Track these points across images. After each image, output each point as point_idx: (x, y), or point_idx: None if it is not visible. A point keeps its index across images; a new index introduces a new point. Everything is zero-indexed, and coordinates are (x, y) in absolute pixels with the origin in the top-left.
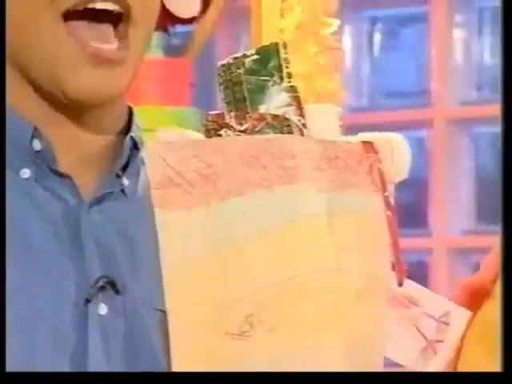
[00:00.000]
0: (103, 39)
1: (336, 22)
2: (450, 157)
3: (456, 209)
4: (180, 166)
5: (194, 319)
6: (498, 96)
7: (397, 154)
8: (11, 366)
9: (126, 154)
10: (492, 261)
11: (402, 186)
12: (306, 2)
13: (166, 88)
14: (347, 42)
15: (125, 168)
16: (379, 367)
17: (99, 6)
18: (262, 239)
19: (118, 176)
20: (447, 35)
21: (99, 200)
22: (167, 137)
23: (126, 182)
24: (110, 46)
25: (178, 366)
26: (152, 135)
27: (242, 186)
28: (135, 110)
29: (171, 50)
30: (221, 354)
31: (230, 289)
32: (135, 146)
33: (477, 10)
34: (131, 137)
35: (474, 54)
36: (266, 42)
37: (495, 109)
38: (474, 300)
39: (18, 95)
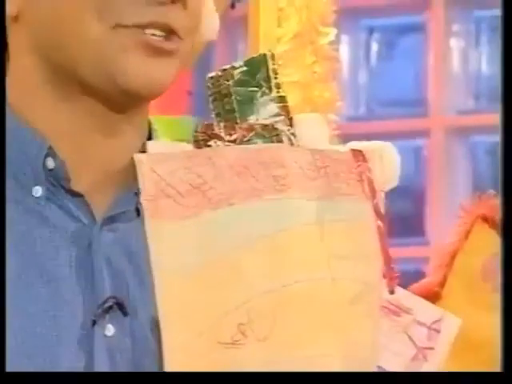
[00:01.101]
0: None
1: (333, 32)
2: (448, 166)
3: (453, 218)
4: (170, 177)
5: (186, 329)
6: (495, 105)
7: (386, 162)
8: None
9: None
10: (437, 266)
11: (399, 194)
12: (303, 11)
13: (163, 96)
14: (344, 51)
15: None
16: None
17: (151, 38)
18: (253, 248)
19: (136, 194)
20: (444, 44)
21: (112, 220)
22: (157, 148)
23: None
24: (163, 35)
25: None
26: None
27: (233, 196)
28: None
29: None
30: (214, 363)
31: (223, 298)
32: None
33: (474, 19)
34: None
35: (472, 63)
36: (263, 50)
37: (493, 118)
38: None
39: (39, 110)
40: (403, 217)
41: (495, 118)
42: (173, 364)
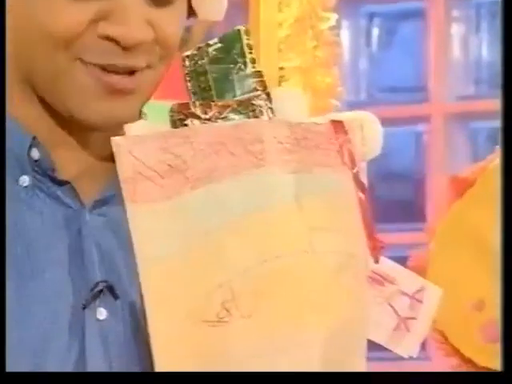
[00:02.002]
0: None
1: (334, 17)
2: (448, 151)
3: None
4: (149, 159)
5: (171, 309)
6: (495, 91)
7: (367, 132)
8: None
9: None
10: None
11: (399, 180)
12: None
13: (163, 82)
14: (345, 36)
15: None
16: (363, 347)
17: (111, 78)
18: (234, 226)
19: None
20: (445, 30)
21: (101, 203)
22: (135, 130)
23: None
24: (123, 75)
25: (159, 357)
26: None
27: (212, 174)
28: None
29: None
30: (200, 342)
31: (206, 277)
32: None
33: (474, 5)
34: None
35: (472, 49)
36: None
37: (493, 104)
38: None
39: (20, 108)
40: (403, 202)
41: (495, 103)
42: (160, 346)
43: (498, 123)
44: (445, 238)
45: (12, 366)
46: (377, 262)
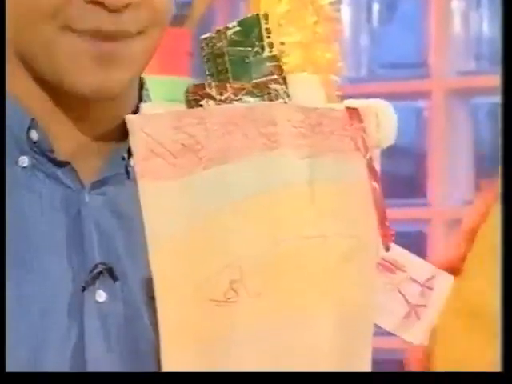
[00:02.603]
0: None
1: None
2: (449, 127)
3: (454, 179)
4: (162, 137)
5: (179, 287)
6: (496, 67)
7: (382, 120)
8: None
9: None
10: (462, 238)
11: (400, 156)
12: None
13: (164, 58)
14: (346, 12)
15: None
16: (369, 333)
17: (100, 46)
18: (245, 206)
19: (123, 158)
20: (446, 6)
21: (100, 184)
22: (150, 109)
23: (131, 163)
24: (113, 42)
25: (166, 335)
26: None
27: (224, 155)
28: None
29: (170, 20)
30: (207, 321)
31: (215, 256)
32: None
33: None
34: None
35: (472, 24)
36: (264, 11)
37: (494, 79)
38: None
39: (17, 84)
40: (404, 178)
41: (496, 79)
42: (168, 324)
43: (498, 99)
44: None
45: (12, 350)
46: (387, 249)
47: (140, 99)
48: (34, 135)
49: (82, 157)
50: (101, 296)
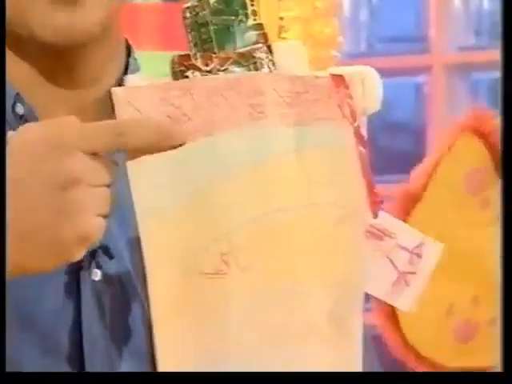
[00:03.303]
0: None
1: None
2: (449, 102)
3: None
4: (148, 109)
5: (169, 261)
6: (496, 42)
7: (368, 86)
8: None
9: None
10: (419, 174)
11: (399, 131)
12: None
13: (165, 33)
14: None
15: None
16: (360, 300)
17: None
18: (232, 178)
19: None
20: None
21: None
22: (135, 82)
23: None
24: None
25: (158, 310)
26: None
27: (211, 127)
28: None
29: None
30: (198, 294)
31: (204, 229)
32: None
33: None
34: None
35: None
36: None
37: (494, 54)
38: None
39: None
40: (403, 153)
41: (496, 54)
42: (158, 298)
43: (498, 74)
44: None
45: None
46: (375, 216)
47: (126, 68)
48: (20, 109)
49: None
50: (96, 275)
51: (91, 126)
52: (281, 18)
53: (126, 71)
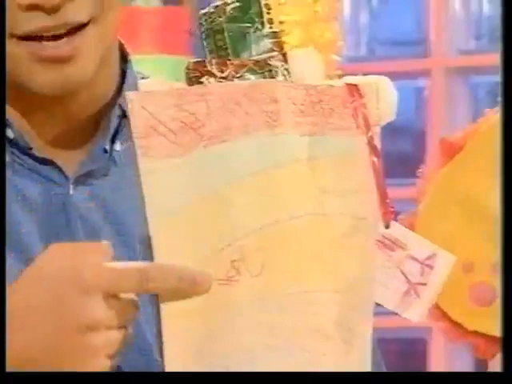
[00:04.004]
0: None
1: None
2: (448, 106)
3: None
4: (162, 114)
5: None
6: (496, 45)
7: (382, 96)
8: None
9: (113, 125)
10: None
11: (399, 135)
12: None
13: (164, 36)
14: None
15: (115, 135)
16: (369, 310)
17: (45, 48)
18: (245, 185)
19: (106, 151)
20: None
21: (84, 177)
22: (149, 87)
23: (117, 147)
24: (56, 43)
25: (167, 312)
26: None
27: (225, 133)
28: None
29: None
30: (208, 300)
31: (215, 235)
32: (124, 114)
33: None
34: (119, 105)
35: (473, 3)
36: None
37: (494, 58)
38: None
39: None
40: (403, 157)
41: (496, 58)
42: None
43: (498, 78)
44: (433, 200)
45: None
46: (387, 227)
47: (123, 75)
48: (10, 134)
49: (62, 151)
50: None
51: (116, 268)
52: (281, 22)
53: (123, 78)
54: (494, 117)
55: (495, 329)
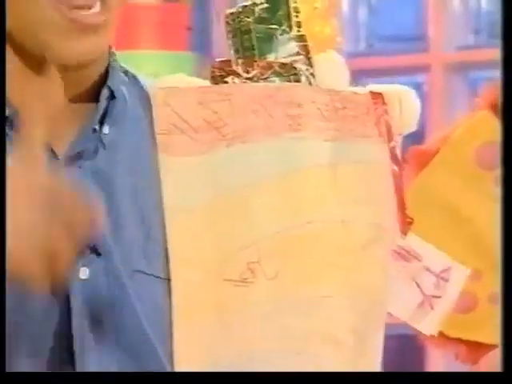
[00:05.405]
0: (84, 4)
1: None
2: (447, 101)
3: None
4: (185, 112)
5: (195, 265)
6: (495, 40)
7: (405, 106)
8: None
9: (101, 106)
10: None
11: None
12: None
13: (163, 32)
14: None
15: (103, 117)
16: (382, 320)
17: (77, 15)
18: (266, 187)
19: (95, 130)
20: None
21: (75, 158)
22: (172, 82)
23: (106, 130)
24: (92, 11)
25: (180, 311)
26: (150, 79)
27: (248, 134)
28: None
29: None
30: (222, 301)
31: (233, 236)
32: (112, 95)
33: None
34: (108, 86)
35: None
36: None
37: (492, 53)
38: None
39: None
40: (402, 152)
41: (495, 53)
42: (181, 300)
43: (497, 73)
44: (411, 206)
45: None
46: (405, 236)
47: (107, 67)
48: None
49: (56, 130)
50: (85, 273)
51: None
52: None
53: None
54: (466, 122)
55: (477, 335)
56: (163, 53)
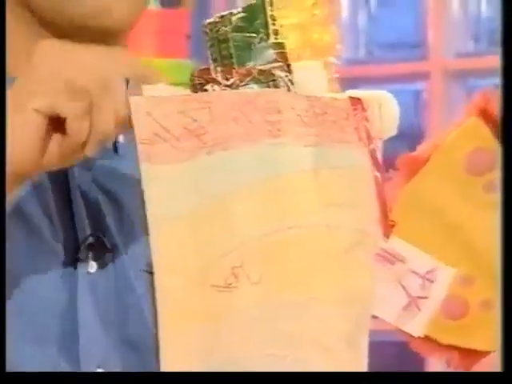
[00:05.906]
0: None
1: None
2: (447, 109)
3: None
4: (166, 120)
5: (179, 273)
6: (495, 48)
7: (385, 111)
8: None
9: None
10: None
11: (398, 138)
12: None
13: (162, 40)
14: None
15: None
16: (367, 324)
17: None
18: (248, 193)
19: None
20: None
21: (88, 158)
22: (154, 92)
23: (120, 138)
24: None
25: (164, 319)
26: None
27: (228, 140)
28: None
29: (168, 1)
30: (207, 307)
31: (216, 242)
32: None
33: None
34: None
35: (471, 5)
36: None
37: (492, 61)
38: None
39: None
40: None
41: (495, 60)
42: (166, 308)
43: (497, 80)
44: (401, 215)
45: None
46: (387, 239)
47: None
48: None
49: None
50: (92, 267)
51: None
52: (280, 26)
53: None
54: (456, 129)
55: (470, 342)
56: (162, 60)
